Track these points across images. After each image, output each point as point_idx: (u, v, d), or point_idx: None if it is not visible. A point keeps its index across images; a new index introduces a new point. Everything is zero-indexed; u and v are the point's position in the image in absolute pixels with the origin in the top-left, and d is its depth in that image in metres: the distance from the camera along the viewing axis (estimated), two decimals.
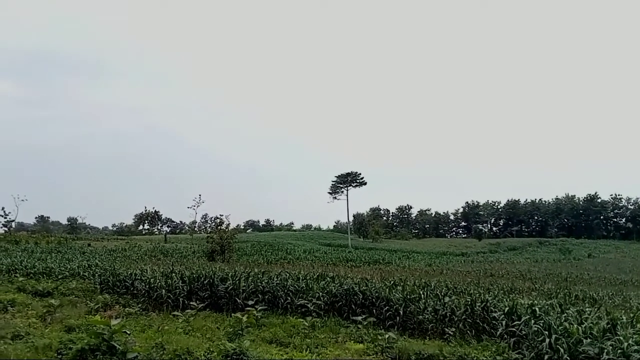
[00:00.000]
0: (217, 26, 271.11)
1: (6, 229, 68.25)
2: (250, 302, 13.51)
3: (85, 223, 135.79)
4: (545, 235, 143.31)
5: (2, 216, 67.32)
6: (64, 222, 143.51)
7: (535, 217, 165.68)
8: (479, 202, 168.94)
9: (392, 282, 16.11)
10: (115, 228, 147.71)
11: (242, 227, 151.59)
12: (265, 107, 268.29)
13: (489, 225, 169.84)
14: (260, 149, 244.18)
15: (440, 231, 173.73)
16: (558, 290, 19.00)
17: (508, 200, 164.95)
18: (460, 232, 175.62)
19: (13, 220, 70.49)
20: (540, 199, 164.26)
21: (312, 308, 13.82)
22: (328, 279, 16.47)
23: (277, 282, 15.54)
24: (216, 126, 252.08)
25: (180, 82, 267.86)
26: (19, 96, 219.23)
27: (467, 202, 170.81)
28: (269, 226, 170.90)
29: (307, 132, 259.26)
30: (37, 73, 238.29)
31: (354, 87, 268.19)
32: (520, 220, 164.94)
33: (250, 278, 15.96)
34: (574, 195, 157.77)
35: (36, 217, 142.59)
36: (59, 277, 21.10)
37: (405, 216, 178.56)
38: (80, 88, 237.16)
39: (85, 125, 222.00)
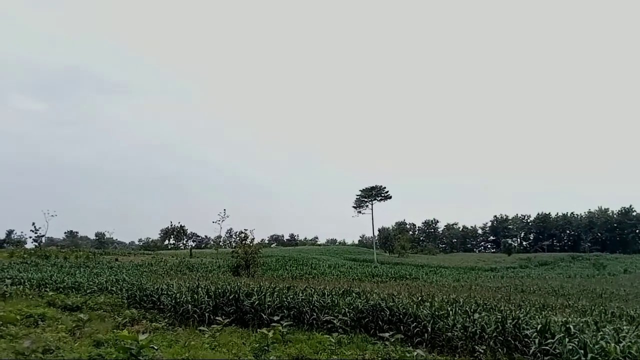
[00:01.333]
0: (233, 41, 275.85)
1: (37, 243, 69.81)
2: (275, 318, 13.40)
3: (112, 238, 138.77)
4: (577, 250, 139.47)
5: (33, 231, 68.94)
6: (92, 237, 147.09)
7: (567, 231, 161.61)
8: (507, 216, 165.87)
9: (419, 298, 15.79)
10: (141, 243, 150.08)
11: (266, 241, 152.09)
12: (289, 122, 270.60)
13: (518, 240, 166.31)
14: (285, 164, 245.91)
15: (468, 246, 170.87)
16: (593, 307, 18.31)
17: (538, 214, 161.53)
18: (489, 246, 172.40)
19: (43, 236, 72.11)
20: (572, 213, 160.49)
21: (338, 324, 13.64)
22: (354, 294, 16.27)
23: (303, 297, 15.42)
24: (239, 142, 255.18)
25: (203, 100, 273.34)
26: (51, 114, 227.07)
27: (495, 216, 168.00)
28: (293, 241, 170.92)
29: (330, 147, 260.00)
30: (67, 92, 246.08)
31: (375, 99, 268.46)
32: (552, 235, 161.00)
33: (275, 293, 15.89)
34: (608, 209, 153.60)
35: (65, 232, 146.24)
36: (88, 291, 21.39)
37: (432, 230, 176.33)
38: (108, 106, 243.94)
39: (113, 142, 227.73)
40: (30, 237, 70.94)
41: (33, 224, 69.13)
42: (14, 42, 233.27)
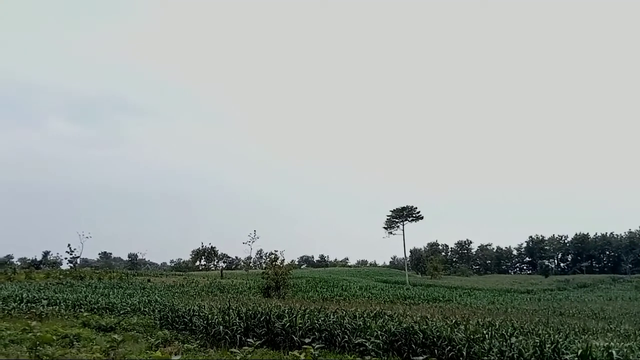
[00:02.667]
0: (252, 59, 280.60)
1: (72, 265, 71.42)
2: (307, 340, 13.24)
3: (144, 259, 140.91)
4: (618, 272, 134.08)
5: (68, 252, 70.63)
6: (125, 258, 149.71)
7: (607, 252, 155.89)
8: (543, 237, 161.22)
9: (453, 321, 15.39)
10: (173, 264, 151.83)
11: (296, 262, 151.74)
12: (320, 143, 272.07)
13: (555, 261, 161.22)
14: (315, 184, 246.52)
15: (503, 267, 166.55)
16: (637, 332, 17.48)
17: (576, 234, 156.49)
18: (525, 268, 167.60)
19: (78, 257, 73.83)
20: (611, 233, 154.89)
21: (370, 347, 13.38)
22: (386, 317, 15.98)
23: (334, 319, 15.22)
24: (268, 163, 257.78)
25: (232, 122, 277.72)
26: (85, 137, 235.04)
27: (530, 237, 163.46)
28: (323, 262, 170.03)
29: (361, 167, 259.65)
30: (100, 115, 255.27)
31: (405, 116, 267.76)
32: (590, 256, 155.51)
33: (306, 315, 15.74)
34: None
35: (99, 253, 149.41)
36: (121, 312, 21.69)
37: (465, 251, 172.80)
38: (140, 128, 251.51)
39: (145, 163, 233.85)
40: (66, 259, 72.78)
41: (68, 245, 70.91)
42: (49, 67, 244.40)
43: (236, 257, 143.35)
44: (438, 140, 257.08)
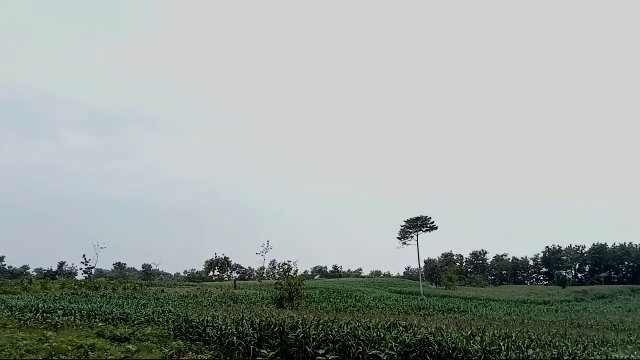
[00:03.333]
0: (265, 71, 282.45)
1: (87, 275, 71.94)
2: (321, 352, 13.16)
3: (159, 270, 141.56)
4: (638, 283, 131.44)
5: (84, 263, 71.19)
6: (139, 268, 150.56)
7: (626, 263, 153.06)
8: (560, 247, 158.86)
9: (469, 332, 15.16)
10: (186, 274, 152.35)
11: (309, 273, 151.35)
12: (332, 153, 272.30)
13: (573, 272, 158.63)
14: (328, 195, 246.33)
15: (519, 278, 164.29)
16: None
17: (594, 245, 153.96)
18: (541, 279, 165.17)
19: (93, 267, 74.34)
20: (630, 243, 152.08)
21: (384, 359, 13.23)
22: (401, 328, 15.80)
23: (348, 331, 15.09)
24: (280, 175, 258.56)
25: (244, 135, 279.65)
26: (100, 149, 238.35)
27: (547, 247, 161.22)
28: (336, 272, 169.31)
29: (375, 177, 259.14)
30: (115, 128, 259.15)
31: (419, 126, 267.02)
32: (609, 266, 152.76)
33: (320, 326, 15.63)
34: None
35: (114, 264, 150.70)
36: (136, 322, 21.77)
37: (480, 262, 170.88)
38: (154, 142, 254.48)
39: (160, 176, 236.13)
40: (81, 269, 73.37)
41: (84, 256, 71.52)
42: (65, 80, 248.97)
43: (249, 268, 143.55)
44: (452, 149, 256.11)
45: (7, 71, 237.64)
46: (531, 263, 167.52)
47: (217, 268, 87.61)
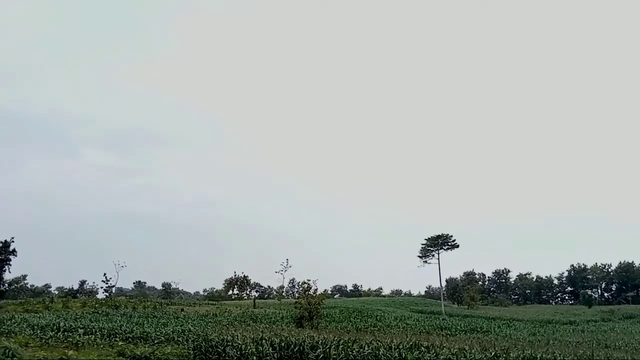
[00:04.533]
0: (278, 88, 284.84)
1: (107, 294, 72.33)
2: None
3: (178, 288, 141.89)
4: None
5: (104, 282, 71.60)
6: (159, 287, 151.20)
7: None
8: (586, 265, 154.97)
9: (492, 353, 14.75)
10: (206, 293, 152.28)
11: (329, 292, 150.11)
12: (352, 172, 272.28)
13: (599, 291, 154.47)
14: (347, 214, 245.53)
15: (543, 297, 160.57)
16: None
17: (620, 263, 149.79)
18: (566, 298, 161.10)
19: (113, 286, 74.78)
20: None
21: None
22: (422, 348, 15.45)
23: (369, 351, 14.82)
24: (298, 193, 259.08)
25: (259, 152, 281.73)
26: (119, 167, 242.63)
27: (572, 265, 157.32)
28: (356, 291, 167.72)
29: (395, 194, 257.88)
30: (135, 147, 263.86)
31: (440, 142, 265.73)
32: (636, 285, 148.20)
33: (340, 346, 15.38)
34: None
35: (134, 283, 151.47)
36: (155, 341, 21.74)
37: (503, 281, 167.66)
38: (172, 159, 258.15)
39: (177, 193, 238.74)
40: (102, 287, 73.78)
41: (104, 274, 71.91)
42: (84, 99, 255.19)
43: (269, 287, 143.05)
44: (474, 165, 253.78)
45: (28, 89, 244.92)
46: (555, 282, 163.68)
47: (236, 286, 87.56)
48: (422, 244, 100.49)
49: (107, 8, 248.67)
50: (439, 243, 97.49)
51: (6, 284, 54.50)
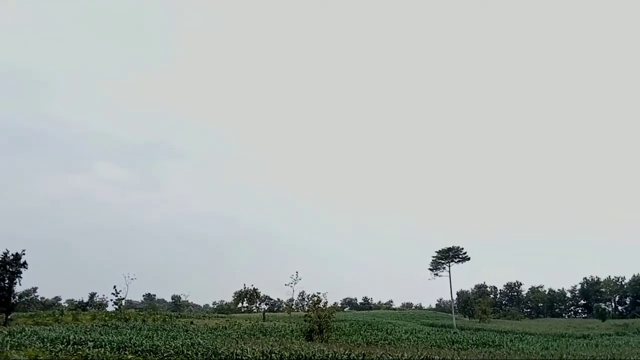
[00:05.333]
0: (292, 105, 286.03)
1: (117, 306, 72.32)
2: None
3: (187, 301, 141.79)
4: None
5: (114, 294, 71.62)
6: (169, 299, 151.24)
7: None
8: (599, 278, 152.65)
9: None
10: (215, 305, 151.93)
11: (339, 305, 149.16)
12: (361, 184, 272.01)
13: (612, 304, 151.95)
14: (358, 225, 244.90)
15: (556, 310, 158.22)
16: None
17: (634, 275, 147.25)
18: (579, 311, 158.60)
19: (123, 299, 74.72)
20: None
21: None
22: None
23: None
24: (308, 207, 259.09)
25: (270, 168, 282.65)
26: (131, 181, 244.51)
27: (585, 278, 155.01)
28: (367, 304, 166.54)
29: (406, 208, 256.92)
30: (146, 160, 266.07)
31: (447, 154, 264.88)
32: None
33: None
34: None
35: (143, 295, 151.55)
36: (165, 355, 21.60)
37: (515, 294, 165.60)
38: (183, 174, 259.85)
39: (188, 206, 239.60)
40: (111, 300, 73.70)
41: (114, 287, 71.88)
42: (97, 114, 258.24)
43: (278, 299, 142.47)
44: (484, 178, 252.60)
45: (42, 103, 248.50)
46: (568, 295, 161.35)
47: (245, 299, 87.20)
48: (433, 257, 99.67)
49: (120, 22, 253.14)
50: (449, 255, 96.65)
51: (17, 297, 54.64)
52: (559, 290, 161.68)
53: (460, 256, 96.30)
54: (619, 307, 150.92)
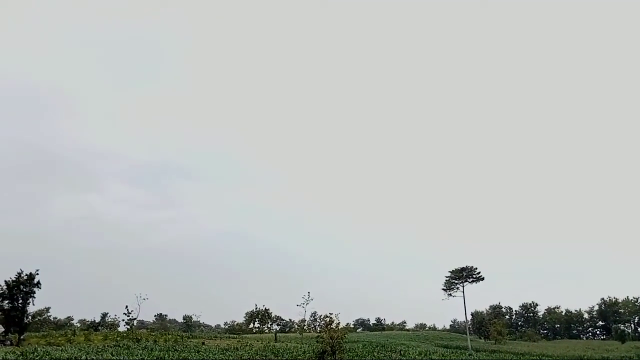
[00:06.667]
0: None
1: (128, 327, 72.20)
2: None
3: (199, 321, 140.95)
4: None
5: (126, 314, 71.57)
6: (180, 319, 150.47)
7: None
8: (617, 299, 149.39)
9: None
10: (226, 326, 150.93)
11: (351, 326, 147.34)
12: (375, 206, 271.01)
13: (632, 325, 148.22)
14: (370, 246, 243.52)
15: (574, 332, 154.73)
16: None
17: None
18: (598, 333, 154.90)
19: (135, 319, 74.61)
20: None
21: None
22: None
23: None
24: (320, 227, 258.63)
25: (280, 189, 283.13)
26: (143, 200, 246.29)
27: (602, 299, 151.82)
28: (379, 325, 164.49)
29: (420, 228, 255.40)
30: (157, 180, 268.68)
31: (463, 174, 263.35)
32: None
33: None
34: None
35: (155, 315, 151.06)
36: None
37: (531, 314, 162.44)
38: (195, 194, 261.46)
39: (200, 225, 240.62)
40: (123, 320, 73.77)
41: (126, 307, 71.95)
42: (110, 135, 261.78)
43: (290, 320, 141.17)
44: (500, 197, 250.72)
45: (55, 124, 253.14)
46: (586, 316, 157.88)
47: (257, 320, 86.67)
48: (447, 277, 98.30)
49: (130, 45, 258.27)
50: (463, 275, 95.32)
51: (30, 317, 54.84)
52: (575, 311, 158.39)
53: (474, 276, 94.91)
54: (639, 329, 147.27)
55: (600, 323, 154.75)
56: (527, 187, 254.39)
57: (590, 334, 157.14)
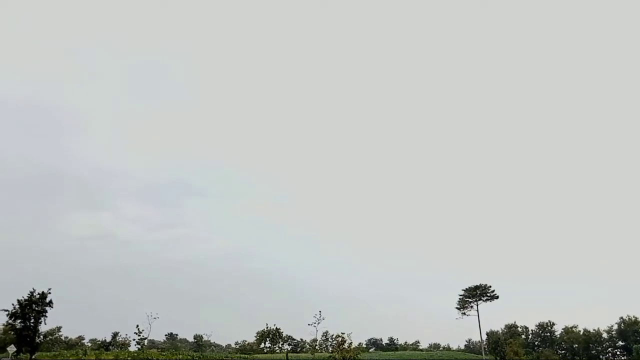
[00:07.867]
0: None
1: (139, 346, 71.62)
2: None
3: (210, 340, 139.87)
4: None
5: (137, 334, 71.07)
6: (191, 339, 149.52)
7: None
8: (637, 318, 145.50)
9: None
10: (237, 345, 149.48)
11: (364, 345, 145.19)
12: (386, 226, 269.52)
13: None
14: (382, 263, 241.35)
15: (593, 352, 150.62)
16: None
17: None
18: (618, 353, 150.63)
19: (146, 338, 74.06)
20: None
21: None
22: None
23: None
24: (331, 246, 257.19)
25: (291, 205, 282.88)
26: (154, 219, 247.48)
27: (621, 318, 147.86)
28: (392, 345, 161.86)
29: (433, 243, 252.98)
30: (168, 198, 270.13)
31: (476, 190, 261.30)
32: None
33: None
34: None
35: (166, 335, 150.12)
36: None
37: (548, 334, 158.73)
38: (206, 211, 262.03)
39: (212, 244, 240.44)
40: (134, 339, 73.28)
41: (137, 326, 71.38)
42: (119, 153, 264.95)
43: (301, 340, 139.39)
44: (514, 215, 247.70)
45: (66, 143, 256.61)
46: (605, 336, 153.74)
47: (268, 339, 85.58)
48: (460, 295, 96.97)
49: (136, 63, 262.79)
50: (477, 294, 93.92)
51: (41, 336, 54.70)
52: (594, 330, 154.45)
53: (489, 294, 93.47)
54: None
55: (620, 343, 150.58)
56: (544, 201, 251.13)
57: (610, 354, 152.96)
